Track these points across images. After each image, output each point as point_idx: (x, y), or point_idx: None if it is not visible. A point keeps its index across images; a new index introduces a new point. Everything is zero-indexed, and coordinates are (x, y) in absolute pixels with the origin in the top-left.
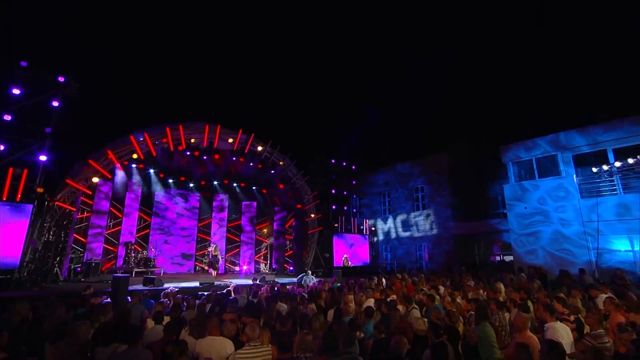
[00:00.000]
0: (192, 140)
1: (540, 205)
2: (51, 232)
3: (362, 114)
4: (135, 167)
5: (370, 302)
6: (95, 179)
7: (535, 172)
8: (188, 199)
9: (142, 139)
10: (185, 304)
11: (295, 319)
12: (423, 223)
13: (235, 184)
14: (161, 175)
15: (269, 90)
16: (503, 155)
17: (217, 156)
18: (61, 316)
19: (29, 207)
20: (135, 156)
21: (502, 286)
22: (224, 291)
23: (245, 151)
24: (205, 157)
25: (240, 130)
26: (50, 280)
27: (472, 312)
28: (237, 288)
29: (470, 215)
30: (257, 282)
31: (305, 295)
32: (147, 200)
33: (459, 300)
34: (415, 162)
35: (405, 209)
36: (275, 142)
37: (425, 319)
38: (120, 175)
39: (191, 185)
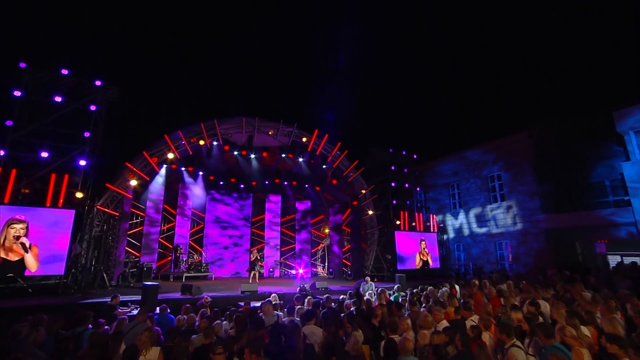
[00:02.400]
0: (230, 134)
1: None
2: (95, 238)
3: (420, 94)
4: (185, 170)
5: (442, 324)
6: (133, 182)
7: None
8: (240, 200)
9: (177, 138)
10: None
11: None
12: (503, 217)
13: (286, 183)
14: (211, 178)
15: (310, 78)
16: (619, 124)
17: (265, 154)
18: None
19: (71, 213)
20: (171, 156)
21: None
22: (258, 304)
23: (289, 143)
24: (253, 156)
25: (281, 121)
26: (97, 286)
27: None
28: (269, 303)
29: (564, 206)
30: (303, 289)
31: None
32: (198, 203)
33: (585, 331)
34: (488, 147)
35: (479, 201)
36: (322, 133)
37: None
38: (167, 178)
39: (242, 186)
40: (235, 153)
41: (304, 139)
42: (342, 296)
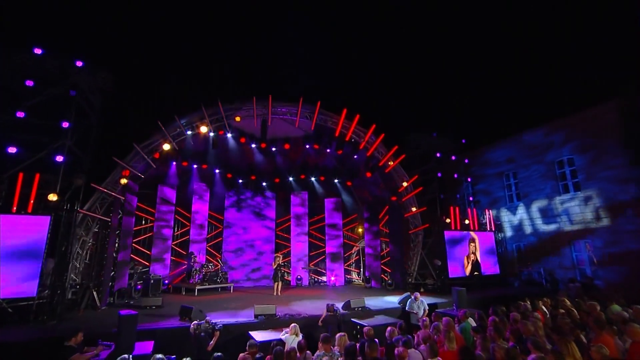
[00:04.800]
0: (238, 119)
1: None
2: (87, 249)
3: (462, 67)
4: (197, 167)
5: None
6: (123, 180)
7: None
8: (261, 200)
9: (176, 126)
10: None
11: None
12: (579, 210)
13: (313, 178)
14: (229, 176)
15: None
16: None
17: (287, 146)
18: None
19: (46, 220)
20: (167, 147)
21: None
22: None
23: (312, 128)
24: (274, 149)
25: (301, 99)
26: (87, 306)
27: None
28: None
29: None
30: (332, 311)
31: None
32: (215, 204)
33: None
34: (554, 126)
35: (544, 192)
36: (351, 114)
37: None
38: (179, 177)
39: (264, 184)
40: (254, 146)
41: (330, 122)
42: (389, 328)
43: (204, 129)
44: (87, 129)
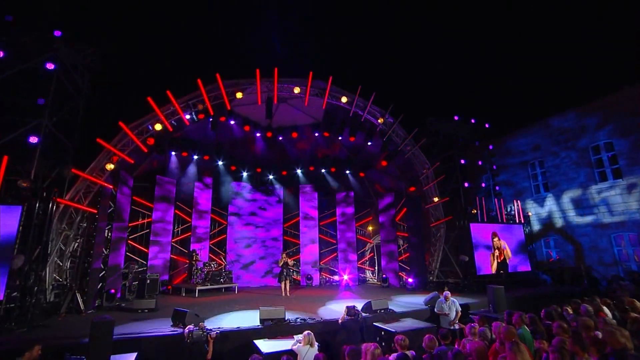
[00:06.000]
0: (239, 95)
1: None
2: (73, 246)
3: (481, 46)
4: (199, 158)
5: None
6: (109, 166)
7: None
8: (268, 194)
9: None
10: None
11: None
12: (622, 200)
13: (324, 170)
14: (232, 168)
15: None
16: None
17: (294, 134)
18: None
19: (17, 210)
20: (159, 127)
21: None
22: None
23: (323, 107)
24: (281, 138)
25: (311, 74)
26: (71, 310)
27: None
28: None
29: None
30: (354, 315)
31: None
32: (219, 199)
33: None
34: (588, 108)
35: (576, 180)
36: (366, 92)
37: None
38: (180, 169)
39: (270, 177)
40: (259, 135)
41: (344, 99)
42: (428, 335)
43: (201, 107)
44: (73, 111)
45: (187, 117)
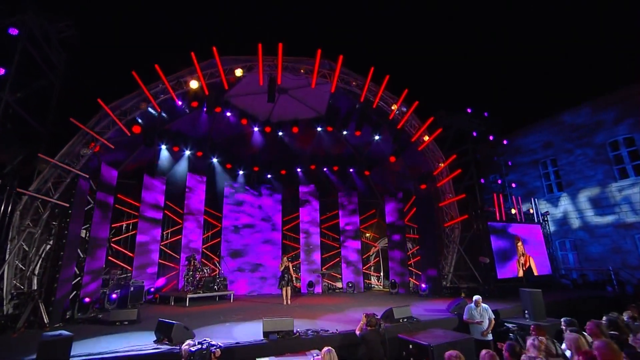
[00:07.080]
0: (239, 72)
1: None
2: (44, 247)
3: (490, 38)
4: (191, 153)
5: None
6: (84, 151)
7: None
8: (266, 195)
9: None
10: None
11: None
12: None
13: (326, 169)
14: (228, 166)
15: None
16: None
17: (295, 129)
18: None
19: None
20: (144, 106)
21: None
22: None
23: (332, 90)
24: (281, 133)
25: (319, 51)
26: (33, 324)
27: None
28: None
29: None
30: (375, 322)
31: None
32: (213, 199)
33: None
34: (603, 102)
35: (594, 178)
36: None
37: None
38: (171, 166)
39: (269, 176)
40: (257, 129)
41: (354, 83)
42: (485, 352)
43: (194, 84)
44: (46, 91)
45: (180, 102)
